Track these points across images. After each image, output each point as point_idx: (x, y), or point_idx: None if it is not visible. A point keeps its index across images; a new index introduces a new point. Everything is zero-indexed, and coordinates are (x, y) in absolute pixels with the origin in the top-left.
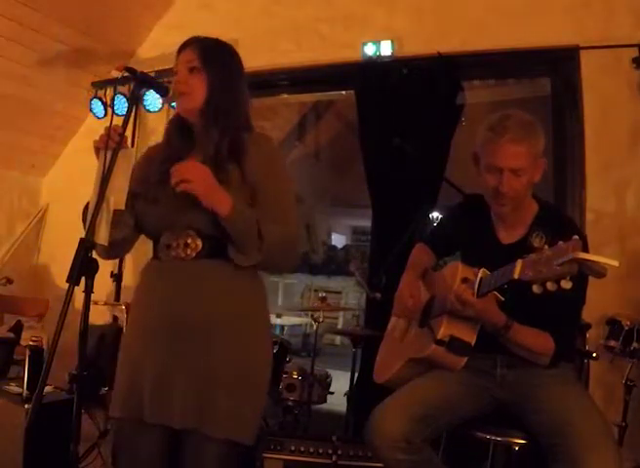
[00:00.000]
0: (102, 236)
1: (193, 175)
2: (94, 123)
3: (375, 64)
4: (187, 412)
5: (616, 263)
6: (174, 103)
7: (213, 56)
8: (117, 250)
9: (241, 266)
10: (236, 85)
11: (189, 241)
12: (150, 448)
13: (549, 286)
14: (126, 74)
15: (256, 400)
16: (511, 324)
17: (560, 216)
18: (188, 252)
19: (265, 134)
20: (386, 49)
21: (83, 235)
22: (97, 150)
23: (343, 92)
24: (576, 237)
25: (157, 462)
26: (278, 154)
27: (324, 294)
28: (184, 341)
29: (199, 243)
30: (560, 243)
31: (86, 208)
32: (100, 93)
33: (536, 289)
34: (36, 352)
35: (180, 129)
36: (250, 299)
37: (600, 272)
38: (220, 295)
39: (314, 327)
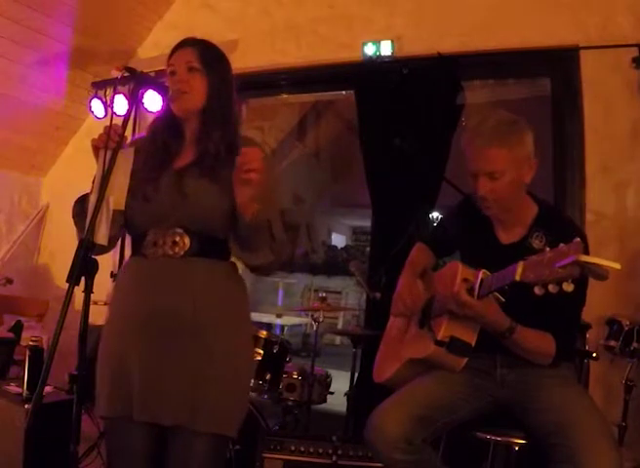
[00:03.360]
0: (102, 236)
1: (262, 166)
2: (94, 123)
3: (375, 64)
4: (178, 409)
5: (617, 266)
6: None
7: (211, 57)
8: (107, 247)
9: (227, 264)
10: (232, 87)
11: (177, 239)
12: (141, 446)
13: (551, 288)
14: (126, 74)
15: (242, 394)
16: (515, 326)
17: (560, 217)
18: (176, 250)
19: (253, 137)
20: (386, 49)
21: (76, 233)
22: (95, 150)
23: (343, 92)
24: (577, 239)
25: (148, 460)
26: (268, 159)
27: (324, 294)
28: (173, 339)
29: (187, 241)
30: (561, 245)
31: (77, 202)
32: (100, 93)
33: (537, 290)
34: (36, 352)
35: (169, 127)
36: (235, 297)
37: (602, 275)
38: (208, 293)
39: (314, 327)
